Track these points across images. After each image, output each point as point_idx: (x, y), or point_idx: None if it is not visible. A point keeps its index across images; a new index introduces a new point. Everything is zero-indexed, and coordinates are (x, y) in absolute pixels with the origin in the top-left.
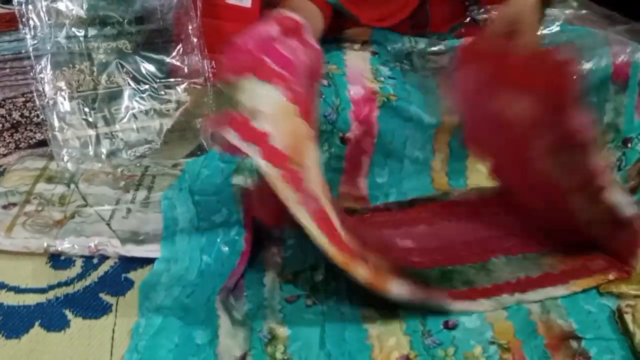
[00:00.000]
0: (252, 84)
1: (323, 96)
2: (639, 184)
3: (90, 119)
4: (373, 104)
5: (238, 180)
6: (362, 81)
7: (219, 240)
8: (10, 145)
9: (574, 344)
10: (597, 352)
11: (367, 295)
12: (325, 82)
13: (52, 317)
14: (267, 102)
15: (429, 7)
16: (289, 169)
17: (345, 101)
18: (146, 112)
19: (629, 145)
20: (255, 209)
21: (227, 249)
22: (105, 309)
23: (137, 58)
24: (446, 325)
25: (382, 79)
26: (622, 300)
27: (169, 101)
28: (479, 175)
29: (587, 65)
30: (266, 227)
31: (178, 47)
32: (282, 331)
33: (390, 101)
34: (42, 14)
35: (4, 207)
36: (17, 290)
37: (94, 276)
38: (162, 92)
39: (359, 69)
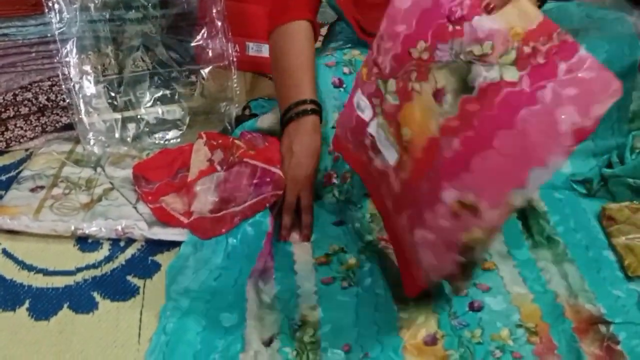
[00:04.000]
0: None
1: (344, 85)
2: None
3: (116, 103)
4: None
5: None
6: None
7: (244, 221)
8: (37, 128)
9: (602, 328)
10: (626, 336)
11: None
12: (346, 69)
13: (80, 299)
14: None
15: None
16: None
17: None
18: (171, 96)
19: None
20: None
21: (252, 230)
22: (132, 292)
23: (162, 42)
24: (472, 307)
25: None
26: None
27: (194, 85)
28: None
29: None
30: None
31: (202, 31)
32: (314, 315)
33: None
34: None
35: (32, 190)
36: (46, 272)
37: (121, 259)
38: (187, 76)
39: None
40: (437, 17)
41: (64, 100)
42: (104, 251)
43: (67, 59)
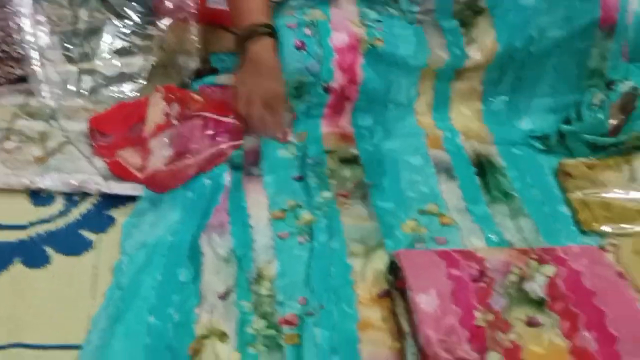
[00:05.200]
0: None
1: (306, 48)
2: (621, 123)
3: (71, 54)
4: (357, 51)
5: None
6: (347, 26)
7: (202, 175)
8: None
9: None
10: None
11: (357, 230)
12: (308, 31)
13: (33, 253)
14: None
15: None
16: None
17: (329, 50)
18: (128, 49)
19: (612, 87)
20: None
21: (210, 183)
22: (86, 246)
23: None
24: None
25: (368, 22)
26: (605, 239)
27: (152, 37)
28: (463, 118)
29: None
30: (245, 165)
31: None
32: (271, 268)
33: (376, 47)
34: None
35: None
36: None
37: (76, 213)
38: (145, 28)
39: (343, 12)
40: (467, 287)
41: (17, 52)
42: (58, 206)
43: (20, 9)
